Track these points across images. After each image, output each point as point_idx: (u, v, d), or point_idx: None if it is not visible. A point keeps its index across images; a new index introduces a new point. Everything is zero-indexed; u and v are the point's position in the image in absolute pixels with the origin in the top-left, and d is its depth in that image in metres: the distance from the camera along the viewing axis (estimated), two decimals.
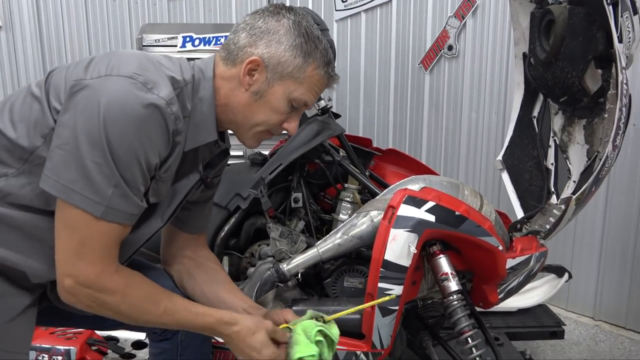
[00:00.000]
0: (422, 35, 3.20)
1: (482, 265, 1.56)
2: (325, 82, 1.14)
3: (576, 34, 1.55)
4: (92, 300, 1.01)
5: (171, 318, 1.08)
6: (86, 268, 0.98)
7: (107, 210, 0.96)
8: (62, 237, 0.98)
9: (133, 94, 0.93)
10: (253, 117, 1.12)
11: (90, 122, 0.92)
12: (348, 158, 1.78)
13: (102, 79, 0.95)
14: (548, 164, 1.85)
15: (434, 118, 3.25)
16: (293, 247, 1.61)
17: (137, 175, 0.97)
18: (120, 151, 0.93)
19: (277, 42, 1.08)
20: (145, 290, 1.07)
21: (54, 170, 0.94)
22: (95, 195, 0.94)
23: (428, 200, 1.44)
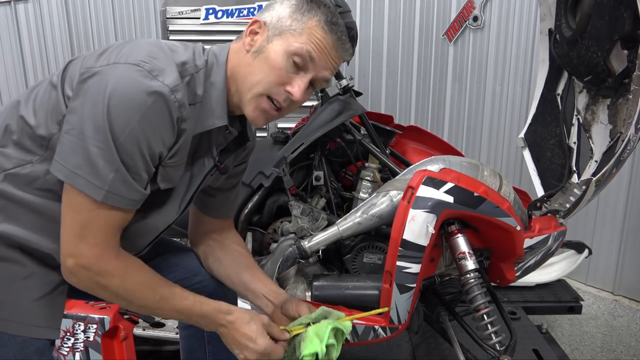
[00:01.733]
0: (447, 5, 3.15)
1: (499, 245, 1.58)
2: (330, 40, 1.08)
3: (603, 13, 1.52)
4: (91, 282, 1.04)
5: (168, 305, 1.11)
6: (87, 250, 1.01)
7: (108, 194, 0.98)
8: (66, 219, 1.01)
9: (137, 81, 0.95)
10: (251, 76, 1.08)
11: (96, 108, 0.94)
12: (369, 137, 1.80)
13: (110, 66, 0.97)
14: (570, 143, 1.84)
15: (457, 90, 3.22)
16: (314, 225, 1.66)
17: (138, 161, 0.98)
18: (122, 137, 0.95)
19: (280, 3, 1.10)
20: (144, 277, 1.10)
21: (62, 155, 0.98)
22: (97, 180, 0.96)
23: (447, 182, 1.47)
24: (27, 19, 3.25)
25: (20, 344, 1.06)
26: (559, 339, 2.39)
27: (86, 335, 1.68)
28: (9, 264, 1.06)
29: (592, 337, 2.52)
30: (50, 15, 3.29)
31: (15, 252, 1.06)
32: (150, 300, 1.10)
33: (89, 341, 1.69)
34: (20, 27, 3.25)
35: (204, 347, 1.45)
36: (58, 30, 3.32)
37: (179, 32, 2.89)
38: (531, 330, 2.10)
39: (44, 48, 3.33)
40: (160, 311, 1.14)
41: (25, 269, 1.07)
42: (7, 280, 1.06)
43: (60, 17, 3.30)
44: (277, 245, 1.69)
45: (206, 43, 2.98)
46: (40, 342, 1.09)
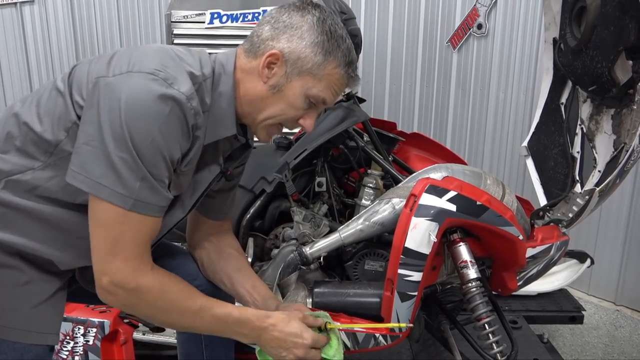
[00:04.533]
0: (452, 13, 3.15)
1: (502, 254, 1.58)
2: (344, 81, 1.14)
3: (608, 23, 1.52)
4: (129, 299, 1.03)
5: (207, 314, 1.10)
6: (122, 265, 1.00)
7: (136, 202, 0.98)
8: (96, 235, 1.00)
9: (154, 89, 0.95)
10: (268, 109, 1.12)
11: (114, 118, 0.94)
12: (372, 143, 1.80)
13: (124, 75, 0.97)
14: (574, 152, 1.83)
15: (460, 97, 3.22)
16: (316, 231, 1.65)
17: (161, 168, 0.99)
18: (144, 146, 0.95)
19: (299, 37, 1.08)
20: (181, 287, 1.10)
21: (83, 166, 0.97)
22: (123, 189, 0.96)
23: (450, 190, 1.46)
24: (33, 21, 3.27)
25: (19, 351, 1.05)
26: (560, 348, 2.38)
27: (86, 339, 1.68)
28: (7, 270, 1.05)
29: (594, 348, 2.51)
30: (56, 18, 3.30)
31: (14, 259, 1.06)
32: (189, 311, 1.08)
33: (89, 345, 1.68)
34: (25, 29, 3.26)
35: (201, 351, 1.45)
36: (63, 32, 3.33)
37: (184, 36, 2.90)
38: (532, 339, 2.09)
39: (49, 50, 3.34)
40: (199, 321, 1.11)
41: (24, 275, 1.07)
42: (5, 287, 1.05)
43: (66, 20, 3.31)
44: (278, 251, 1.68)
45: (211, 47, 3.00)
46: (39, 348, 1.08)
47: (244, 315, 1.14)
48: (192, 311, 1.09)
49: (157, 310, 1.07)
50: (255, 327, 1.15)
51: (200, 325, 1.13)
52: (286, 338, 1.16)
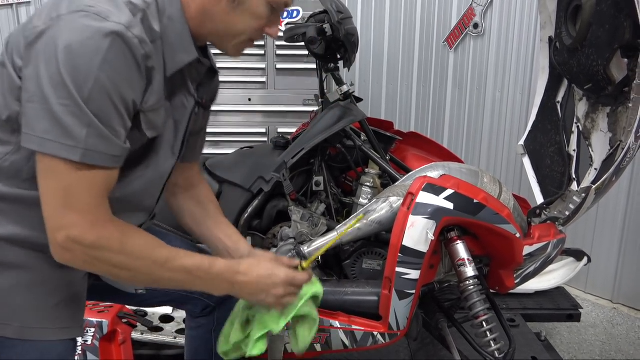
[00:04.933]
0: (448, 13, 3.16)
1: (499, 251, 1.59)
2: None
3: (603, 22, 1.53)
4: (87, 255, 0.94)
5: (176, 264, 1.01)
6: (78, 218, 0.91)
7: (86, 152, 0.89)
8: (46, 190, 0.93)
9: (87, 25, 0.87)
10: (235, 26, 1.06)
11: (51, 65, 0.87)
12: (369, 143, 1.80)
13: (55, 20, 0.90)
14: (570, 150, 1.84)
15: (457, 96, 3.23)
16: (314, 230, 1.66)
17: (111, 113, 0.91)
18: (86, 88, 0.87)
19: None
20: (144, 238, 1.01)
21: (28, 124, 0.90)
22: (70, 140, 0.88)
23: (447, 188, 1.47)
24: None
25: (42, 349, 1.02)
26: (558, 346, 2.38)
27: (84, 338, 1.68)
28: (23, 271, 1.01)
29: (591, 345, 2.52)
30: None
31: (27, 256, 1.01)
32: (155, 264, 1.00)
33: (87, 345, 1.68)
34: None
35: (210, 349, 1.43)
36: None
37: None
38: (530, 337, 2.10)
39: None
40: (167, 274, 1.02)
41: (40, 273, 1.02)
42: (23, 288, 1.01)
43: None
44: (276, 250, 1.68)
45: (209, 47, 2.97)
46: (64, 344, 1.05)
47: (216, 265, 1.06)
48: (158, 263, 1.00)
49: (119, 265, 0.97)
50: (227, 278, 1.08)
51: (168, 279, 1.04)
52: (259, 280, 1.10)
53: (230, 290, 1.11)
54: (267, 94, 2.98)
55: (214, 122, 3.05)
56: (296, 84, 2.95)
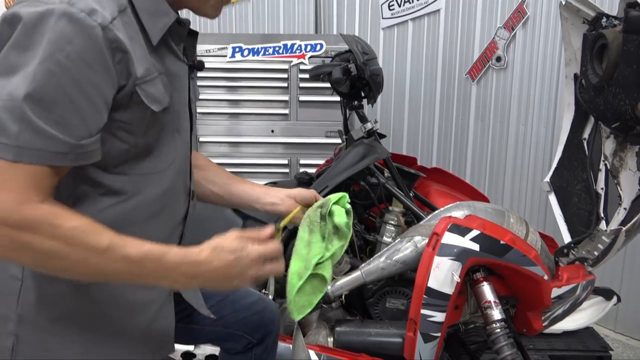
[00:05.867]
0: (470, 45, 3.17)
1: (526, 294, 1.56)
2: None
3: (630, 62, 1.51)
4: (11, 239, 0.79)
5: (119, 255, 0.83)
6: (4, 196, 0.78)
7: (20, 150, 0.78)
8: None
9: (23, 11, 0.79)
10: None
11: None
12: (393, 180, 1.80)
13: None
14: (598, 189, 1.81)
15: (479, 129, 3.22)
16: (337, 268, 1.64)
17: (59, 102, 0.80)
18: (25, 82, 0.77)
19: None
20: (82, 221, 0.83)
21: None
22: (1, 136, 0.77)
23: (472, 229, 1.45)
24: None
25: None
26: None
27: None
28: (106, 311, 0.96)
29: None
30: None
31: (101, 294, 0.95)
32: (93, 251, 0.82)
33: None
34: None
35: None
36: None
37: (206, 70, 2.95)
38: None
39: None
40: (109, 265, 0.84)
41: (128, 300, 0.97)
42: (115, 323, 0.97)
43: None
44: None
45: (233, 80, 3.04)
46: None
47: (168, 255, 0.87)
48: (96, 251, 0.82)
49: (50, 252, 0.81)
50: (186, 270, 0.89)
51: (109, 271, 0.85)
52: (227, 266, 0.91)
53: (191, 283, 0.92)
54: (290, 125, 3.01)
55: (236, 152, 3.09)
56: (318, 116, 2.98)
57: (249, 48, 2.99)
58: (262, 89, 2.99)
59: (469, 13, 3.16)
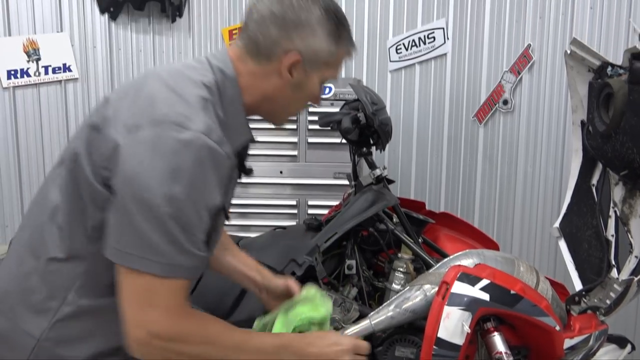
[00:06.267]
0: (477, 88, 3.22)
1: (538, 344, 1.53)
2: (350, 56, 1.16)
3: (637, 111, 1.53)
4: (166, 350, 0.94)
5: (248, 347, 1.04)
6: (158, 315, 0.93)
7: (170, 267, 0.91)
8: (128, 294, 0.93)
9: (168, 139, 0.89)
10: (292, 106, 1.14)
11: (137, 181, 0.88)
12: (401, 226, 1.81)
13: (133, 132, 0.91)
14: (608, 235, 1.80)
15: (487, 171, 3.23)
16: (346, 316, 1.63)
17: (194, 223, 0.92)
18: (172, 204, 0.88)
19: (312, 33, 1.06)
20: (220, 325, 1.03)
21: (114, 237, 0.92)
22: (154, 255, 0.90)
23: (482, 278, 1.45)
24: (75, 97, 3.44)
25: None
26: None
27: None
28: None
29: None
30: (97, 93, 3.47)
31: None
32: (231, 349, 1.01)
33: None
34: (68, 104, 3.43)
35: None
36: None
37: None
38: None
39: None
40: (243, 356, 1.03)
41: None
42: None
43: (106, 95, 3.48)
44: None
45: None
46: None
47: (283, 340, 1.11)
48: (234, 348, 1.01)
49: (197, 355, 0.98)
50: (296, 350, 1.10)
51: None
52: (329, 350, 1.13)
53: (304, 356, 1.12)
54: (298, 166, 3.04)
55: (245, 193, 3.11)
56: (327, 157, 3.01)
57: None
58: (271, 131, 3.03)
59: (475, 57, 3.21)
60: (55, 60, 3.37)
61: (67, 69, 3.39)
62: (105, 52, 3.44)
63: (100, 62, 3.45)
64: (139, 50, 3.51)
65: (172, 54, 3.56)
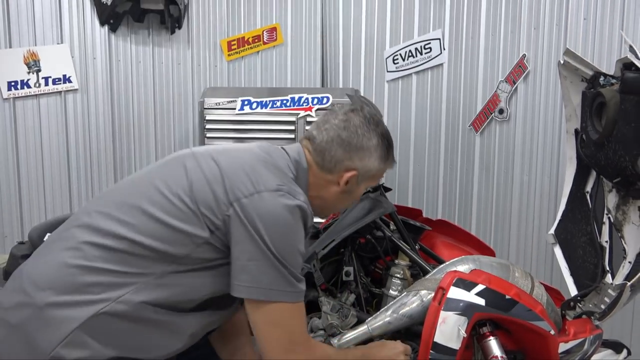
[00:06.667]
0: (473, 98, 3.26)
1: (534, 348, 1.55)
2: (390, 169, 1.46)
3: (629, 120, 1.57)
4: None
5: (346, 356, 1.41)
6: (301, 350, 1.21)
7: (298, 294, 1.20)
8: (270, 336, 1.20)
9: (286, 203, 1.17)
10: (339, 205, 1.43)
11: (269, 230, 1.14)
12: (399, 233, 1.83)
13: (257, 196, 1.17)
14: (602, 242, 1.83)
15: (484, 179, 3.26)
16: (344, 322, 1.65)
17: (300, 263, 1.22)
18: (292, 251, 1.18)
19: (369, 155, 1.34)
20: (329, 349, 1.39)
21: (254, 279, 1.16)
22: (290, 287, 1.17)
23: (478, 283, 1.47)
24: (75, 108, 3.46)
25: None
26: None
27: None
28: None
29: None
30: (96, 104, 3.50)
31: None
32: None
33: None
34: (67, 115, 3.46)
35: None
36: (102, 117, 3.50)
37: (216, 122, 3.05)
38: None
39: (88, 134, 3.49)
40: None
41: None
42: None
43: (105, 106, 3.50)
44: None
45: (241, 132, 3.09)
46: None
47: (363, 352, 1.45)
48: None
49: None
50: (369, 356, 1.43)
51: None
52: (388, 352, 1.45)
53: None
54: None
55: None
56: None
57: (257, 101, 3.09)
58: (270, 140, 3.06)
59: (472, 67, 3.26)
60: (55, 71, 3.40)
61: (67, 80, 3.42)
62: (105, 63, 3.48)
63: (100, 73, 3.49)
64: (138, 62, 3.55)
65: (171, 65, 3.61)
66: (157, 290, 1.15)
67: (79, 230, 1.19)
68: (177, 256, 1.15)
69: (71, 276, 1.13)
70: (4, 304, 1.17)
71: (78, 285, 1.12)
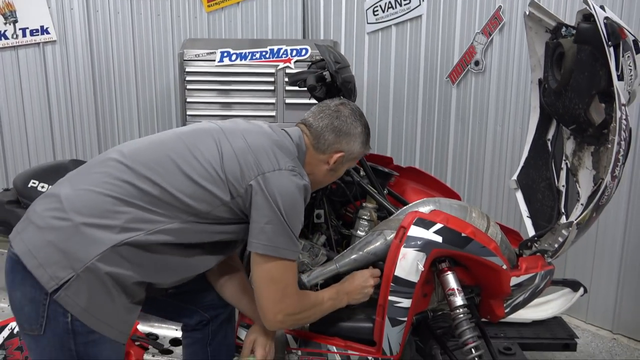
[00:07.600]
0: (450, 50, 3.30)
1: (487, 282, 1.68)
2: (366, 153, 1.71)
3: (583, 69, 1.65)
4: (296, 320, 1.51)
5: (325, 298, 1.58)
6: (291, 301, 1.46)
7: (297, 253, 1.45)
8: (267, 290, 1.43)
9: (297, 182, 1.42)
10: (325, 181, 1.66)
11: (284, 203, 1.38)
12: (367, 178, 1.92)
13: (277, 173, 1.41)
14: (559, 186, 1.94)
15: (460, 130, 3.35)
16: (314, 260, 1.76)
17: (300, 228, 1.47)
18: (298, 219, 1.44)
19: (354, 140, 1.59)
20: (312, 295, 1.56)
21: (271, 239, 1.39)
22: (295, 247, 1.43)
23: (436, 222, 1.58)
24: (54, 60, 3.46)
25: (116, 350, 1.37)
26: None
27: None
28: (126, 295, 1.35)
29: None
30: (76, 56, 3.49)
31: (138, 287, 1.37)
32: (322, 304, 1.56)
33: None
34: (47, 67, 3.45)
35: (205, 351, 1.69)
36: (82, 69, 3.52)
37: (195, 73, 3.07)
38: None
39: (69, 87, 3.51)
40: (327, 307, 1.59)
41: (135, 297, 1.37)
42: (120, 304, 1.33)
43: (85, 58, 3.50)
44: None
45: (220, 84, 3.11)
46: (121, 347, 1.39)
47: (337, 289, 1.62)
48: (322, 304, 1.56)
49: (311, 316, 1.56)
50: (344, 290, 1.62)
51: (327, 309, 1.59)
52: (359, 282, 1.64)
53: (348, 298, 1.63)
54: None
55: None
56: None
57: (236, 53, 3.10)
58: (250, 92, 3.10)
59: (449, 18, 3.29)
60: (32, 22, 3.37)
61: (45, 31, 3.40)
62: (83, 14, 3.46)
63: (79, 25, 3.47)
64: (116, 12, 3.53)
65: (150, 16, 3.59)
66: (177, 232, 1.35)
67: (119, 169, 1.37)
68: (200, 211, 1.37)
69: (109, 204, 1.31)
70: (37, 211, 1.34)
71: (113, 213, 1.31)
